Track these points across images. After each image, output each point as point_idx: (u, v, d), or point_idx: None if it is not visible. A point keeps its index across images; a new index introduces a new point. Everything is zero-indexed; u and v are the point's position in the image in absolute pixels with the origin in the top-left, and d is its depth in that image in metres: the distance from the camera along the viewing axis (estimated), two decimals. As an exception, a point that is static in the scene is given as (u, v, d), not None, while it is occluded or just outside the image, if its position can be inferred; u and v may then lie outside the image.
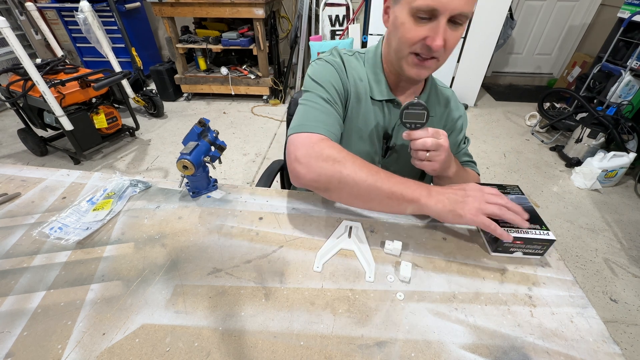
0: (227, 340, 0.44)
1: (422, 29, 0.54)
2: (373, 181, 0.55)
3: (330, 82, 0.67)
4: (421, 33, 0.55)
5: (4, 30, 1.63)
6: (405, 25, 0.56)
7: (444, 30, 0.53)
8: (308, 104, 0.65)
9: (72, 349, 0.43)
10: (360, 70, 0.72)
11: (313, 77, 0.68)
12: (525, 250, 0.57)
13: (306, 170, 0.56)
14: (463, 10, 0.52)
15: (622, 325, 1.30)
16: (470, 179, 0.75)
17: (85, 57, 3.27)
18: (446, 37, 0.54)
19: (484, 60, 2.88)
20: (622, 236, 1.72)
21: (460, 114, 0.79)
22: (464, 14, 0.53)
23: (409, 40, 0.57)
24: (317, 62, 0.71)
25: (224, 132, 2.62)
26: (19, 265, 0.55)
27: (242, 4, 2.56)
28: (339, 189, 0.57)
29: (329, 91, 0.66)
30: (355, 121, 0.73)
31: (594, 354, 0.44)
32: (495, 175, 2.19)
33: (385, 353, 0.44)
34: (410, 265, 0.54)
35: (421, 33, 0.55)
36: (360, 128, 0.73)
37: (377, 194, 0.56)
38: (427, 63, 0.59)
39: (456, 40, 0.57)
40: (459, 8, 0.52)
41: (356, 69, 0.72)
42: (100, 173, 0.77)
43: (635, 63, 2.20)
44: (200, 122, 0.65)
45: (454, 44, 0.57)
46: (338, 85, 0.68)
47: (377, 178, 0.55)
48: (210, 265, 0.55)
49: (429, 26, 0.54)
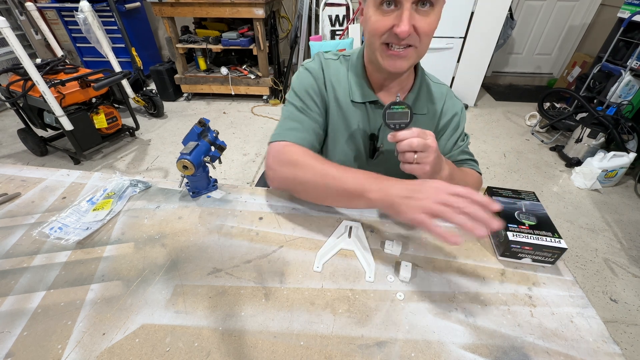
0: (227, 340, 0.44)
1: (388, 18, 0.55)
2: (323, 181, 0.59)
3: (306, 90, 0.71)
4: (387, 22, 0.55)
5: (4, 30, 1.63)
6: (372, 18, 0.57)
7: (409, 16, 0.53)
8: (284, 114, 0.71)
9: (72, 349, 0.43)
10: (341, 74, 0.72)
11: (293, 87, 0.73)
12: (535, 257, 0.56)
13: (273, 175, 0.65)
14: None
15: (622, 325, 1.30)
16: (469, 180, 0.72)
17: (85, 57, 3.26)
18: (414, 22, 0.54)
19: (484, 60, 2.88)
20: (622, 236, 1.72)
21: (455, 111, 0.76)
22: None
23: (376, 31, 0.57)
24: (299, 71, 0.74)
25: (224, 132, 2.62)
26: (19, 265, 0.55)
27: (242, 4, 2.56)
28: (300, 190, 0.65)
29: (303, 100, 0.70)
30: (338, 125, 0.73)
31: (594, 354, 0.44)
32: (495, 175, 2.19)
33: (385, 353, 0.44)
34: (410, 265, 0.54)
35: (387, 22, 0.55)
36: (345, 132, 0.73)
37: (329, 192, 0.60)
38: (402, 53, 0.58)
39: (429, 26, 0.55)
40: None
41: (337, 74, 0.72)
42: (100, 173, 0.77)
43: (635, 63, 2.20)
44: (200, 122, 0.65)
45: (428, 29, 0.56)
46: (315, 93, 0.71)
47: (326, 178, 0.59)
48: (210, 265, 0.55)
49: (394, 14, 0.54)
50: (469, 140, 0.80)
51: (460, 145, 0.78)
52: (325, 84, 0.72)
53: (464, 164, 0.78)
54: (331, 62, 0.73)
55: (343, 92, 0.71)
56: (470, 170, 0.76)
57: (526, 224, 0.57)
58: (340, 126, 0.73)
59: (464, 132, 0.80)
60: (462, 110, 0.78)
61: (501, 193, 0.66)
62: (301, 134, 0.67)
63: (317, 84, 0.71)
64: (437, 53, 2.79)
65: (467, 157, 0.78)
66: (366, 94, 0.70)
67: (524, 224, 0.57)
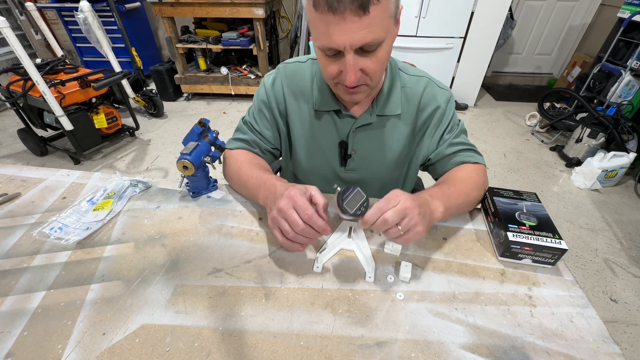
0: (227, 340, 0.44)
1: (335, 64, 0.53)
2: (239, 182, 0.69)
3: (259, 106, 0.75)
4: (335, 68, 0.53)
5: (4, 30, 1.63)
6: (320, 60, 0.56)
7: (354, 64, 0.50)
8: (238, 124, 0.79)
9: (72, 349, 0.43)
10: (306, 82, 0.70)
11: (253, 100, 0.77)
12: (535, 258, 0.56)
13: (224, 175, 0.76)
14: (365, 41, 0.47)
15: (622, 325, 1.30)
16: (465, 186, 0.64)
17: (85, 57, 3.27)
18: (361, 66, 0.51)
19: (484, 60, 2.88)
20: (622, 236, 1.72)
21: (437, 104, 0.69)
22: (369, 43, 0.48)
23: (328, 76, 0.56)
24: (260, 84, 0.77)
25: (224, 132, 2.62)
26: (19, 265, 0.55)
27: (242, 4, 2.56)
28: (237, 190, 0.73)
29: (254, 115, 0.76)
30: (302, 135, 0.73)
31: (594, 354, 0.44)
32: (495, 175, 2.19)
33: (385, 353, 0.44)
34: (410, 265, 0.54)
35: (335, 68, 0.53)
36: (310, 140, 0.73)
37: (246, 193, 0.69)
38: (356, 89, 0.56)
39: (377, 64, 0.52)
40: (360, 41, 0.47)
41: (300, 83, 0.71)
42: (100, 173, 0.77)
43: (635, 63, 2.20)
44: (200, 122, 0.65)
45: (376, 67, 0.53)
46: (266, 108, 0.74)
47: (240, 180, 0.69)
48: (210, 265, 0.55)
49: (340, 61, 0.52)
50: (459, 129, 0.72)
51: (446, 139, 0.71)
52: (284, 99, 0.72)
53: (456, 156, 0.70)
54: (295, 70, 0.71)
55: (306, 101, 0.71)
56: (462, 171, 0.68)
57: (527, 224, 0.57)
58: (305, 134, 0.73)
59: (453, 122, 0.72)
60: (448, 101, 0.70)
61: (502, 194, 0.66)
62: (242, 144, 0.75)
63: (268, 101, 0.73)
64: (437, 53, 2.79)
65: (459, 149, 0.71)
66: (330, 104, 0.68)
67: (524, 224, 0.57)
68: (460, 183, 0.65)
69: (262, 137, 0.75)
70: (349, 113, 0.68)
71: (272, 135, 0.76)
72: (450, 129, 0.71)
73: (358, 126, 0.69)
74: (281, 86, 0.72)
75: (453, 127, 0.72)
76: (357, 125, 0.69)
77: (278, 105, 0.73)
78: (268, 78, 0.74)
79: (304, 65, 0.72)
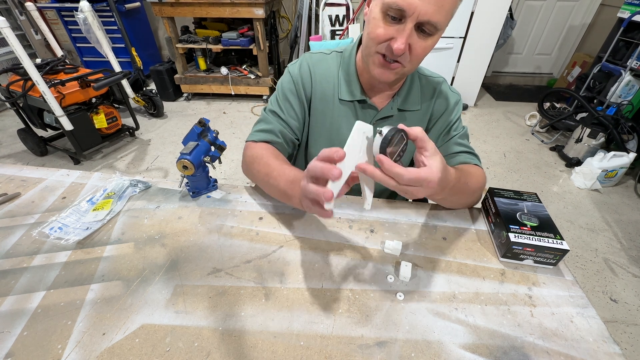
0: (227, 340, 0.44)
1: (390, 29, 0.53)
2: (267, 180, 0.63)
3: (284, 94, 0.72)
4: (388, 33, 0.54)
5: (4, 30, 1.63)
6: (375, 21, 0.55)
7: (409, 34, 0.51)
8: (260, 116, 0.75)
9: (72, 349, 0.43)
10: (331, 71, 0.71)
11: (276, 90, 0.75)
12: (536, 259, 0.56)
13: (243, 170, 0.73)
14: (432, 18, 0.50)
15: (622, 325, 1.30)
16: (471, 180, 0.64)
17: (85, 57, 3.26)
18: (412, 42, 0.53)
19: (484, 60, 2.88)
20: (622, 236, 1.72)
21: (447, 103, 0.73)
22: (432, 22, 0.50)
23: (375, 38, 0.56)
24: (284, 74, 0.74)
25: (224, 132, 2.62)
26: (19, 265, 0.55)
27: (242, 4, 2.56)
28: (259, 185, 0.70)
29: (280, 103, 0.72)
30: (322, 124, 0.73)
31: (594, 354, 0.44)
32: (496, 175, 2.19)
33: (386, 353, 0.44)
34: (410, 265, 0.54)
35: (388, 33, 0.54)
36: (330, 130, 0.73)
37: (272, 190, 0.65)
38: (392, 65, 0.57)
39: (424, 50, 0.55)
40: (428, 15, 0.49)
41: (326, 71, 0.71)
42: (100, 173, 0.77)
43: (635, 63, 2.20)
44: (200, 122, 0.65)
45: (421, 53, 0.55)
46: (293, 95, 0.72)
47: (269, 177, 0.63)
48: (210, 265, 0.55)
49: (396, 27, 0.53)
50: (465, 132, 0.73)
51: (453, 135, 0.72)
52: (312, 83, 0.71)
53: (459, 155, 0.71)
54: (321, 59, 0.73)
55: (331, 90, 0.71)
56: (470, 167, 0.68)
57: (528, 225, 0.57)
58: (325, 123, 0.73)
59: (459, 123, 0.74)
60: (457, 103, 0.74)
61: (503, 194, 0.66)
62: (267, 135, 0.70)
63: (295, 87, 0.72)
64: (437, 53, 2.79)
65: (463, 150, 0.71)
66: (355, 93, 0.69)
67: (525, 225, 0.57)
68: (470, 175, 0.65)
69: (287, 127, 0.72)
70: (372, 104, 0.69)
71: (297, 125, 0.74)
72: (456, 127, 0.74)
73: (379, 118, 0.70)
74: (308, 69, 0.72)
75: (458, 127, 0.74)
76: (378, 117, 0.70)
77: (304, 89, 0.72)
78: (293, 65, 0.73)
79: (329, 56, 0.73)
